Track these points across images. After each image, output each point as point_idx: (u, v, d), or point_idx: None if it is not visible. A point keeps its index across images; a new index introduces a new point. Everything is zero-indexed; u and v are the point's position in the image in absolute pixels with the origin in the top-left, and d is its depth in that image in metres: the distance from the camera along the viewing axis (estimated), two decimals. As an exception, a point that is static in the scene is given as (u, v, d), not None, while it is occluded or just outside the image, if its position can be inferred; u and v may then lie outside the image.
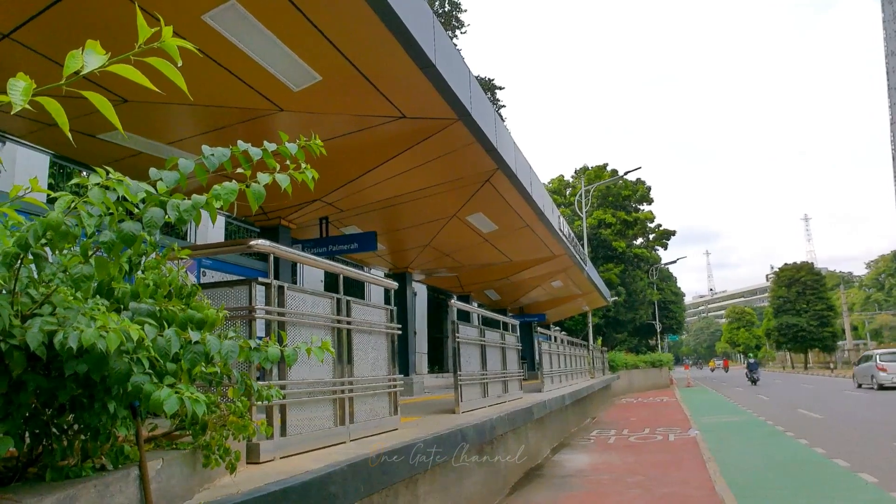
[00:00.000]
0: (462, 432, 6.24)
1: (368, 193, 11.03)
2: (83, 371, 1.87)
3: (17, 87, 1.31)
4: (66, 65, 1.35)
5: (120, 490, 2.35)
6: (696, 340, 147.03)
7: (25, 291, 1.82)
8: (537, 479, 8.91)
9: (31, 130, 8.12)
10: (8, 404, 1.89)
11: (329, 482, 3.62)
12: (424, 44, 6.63)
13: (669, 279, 60.98)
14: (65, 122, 1.38)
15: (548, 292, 26.58)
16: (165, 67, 1.46)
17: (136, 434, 2.50)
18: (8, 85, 1.33)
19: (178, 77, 1.48)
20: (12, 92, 1.30)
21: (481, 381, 8.93)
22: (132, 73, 1.42)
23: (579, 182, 46.23)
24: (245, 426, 2.95)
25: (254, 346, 2.39)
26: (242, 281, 4.19)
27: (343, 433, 5.00)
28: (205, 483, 3.12)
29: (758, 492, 7.56)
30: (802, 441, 11.73)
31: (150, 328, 1.96)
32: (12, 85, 1.32)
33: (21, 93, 1.31)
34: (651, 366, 38.83)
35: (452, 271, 19.01)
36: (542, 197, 14.33)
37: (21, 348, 1.74)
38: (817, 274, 67.06)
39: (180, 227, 1.94)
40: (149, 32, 1.44)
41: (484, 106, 9.16)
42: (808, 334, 62.35)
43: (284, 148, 2.22)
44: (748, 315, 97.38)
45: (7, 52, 5.96)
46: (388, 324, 6.16)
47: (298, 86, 7.05)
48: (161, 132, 8.24)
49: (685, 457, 10.38)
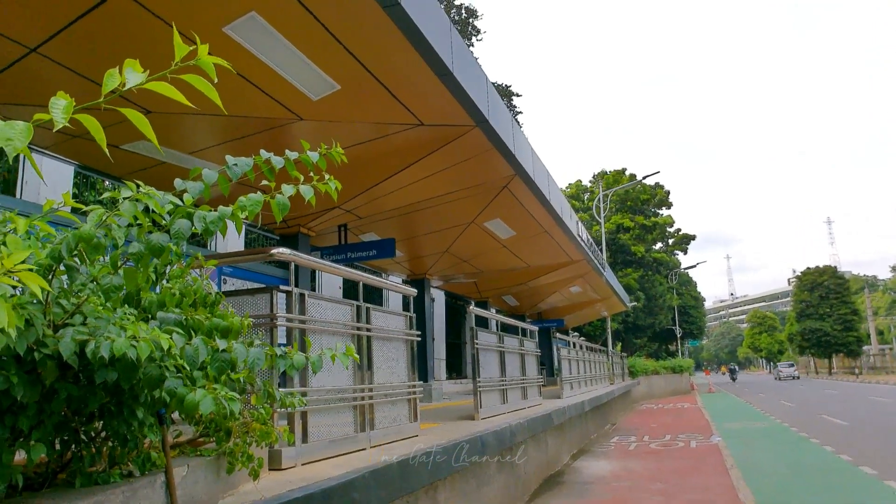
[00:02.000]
0: (482, 439, 6.23)
1: (387, 200, 11.08)
2: (113, 379, 1.91)
3: (58, 106, 1.35)
4: (105, 83, 1.39)
5: (147, 496, 2.38)
6: (717, 346, 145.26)
7: (57, 301, 1.87)
8: (557, 485, 8.86)
9: (56, 142, 8.28)
10: (40, 412, 1.93)
11: (351, 489, 3.64)
12: (442, 51, 6.66)
13: (689, 283, 60.36)
14: (102, 139, 1.42)
15: (566, 298, 26.45)
16: (201, 84, 1.50)
17: (163, 441, 2.54)
18: (50, 104, 1.37)
19: (214, 93, 1.51)
20: (54, 110, 1.34)
21: (500, 387, 8.91)
22: (169, 90, 1.46)
23: (597, 187, 46.05)
24: (268, 433, 2.98)
25: (279, 354, 2.42)
26: (264, 289, 4.24)
27: (363, 440, 5.02)
28: (228, 489, 3.16)
29: (783, 499, 7.45)
30: (828, 448, 11.54)
31: (179, 337, 2.00)
32: (54, 104, 1.35)
33: (62, 111, 1.35)
34: (671, 371, 38.42)
35: (470, 277, 19.00)
36: (560, 202, 14.30)
37: (53, 357, 1.79)
38: (841, 278, 65.96)
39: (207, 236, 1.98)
40: (185, 50, 1.47)
41: (501, 112, 9.18)
42: (831, 339, 61.32)
43: (306, 157, 2.25)
44: (770, 320, 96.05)
45: (34, 66, 6.09)
46: (408, 331, 6.18)
47: (317, 95, 7.12)
48: (182, 142, 8.36)
49: (707, 463, 10.26)
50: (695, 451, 11.91)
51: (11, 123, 1.32)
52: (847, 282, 66.75)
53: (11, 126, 1.31)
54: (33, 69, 6.17)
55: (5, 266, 1.35)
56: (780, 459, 10.64)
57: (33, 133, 5.35)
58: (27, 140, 1.33)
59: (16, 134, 1.30)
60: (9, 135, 1.29)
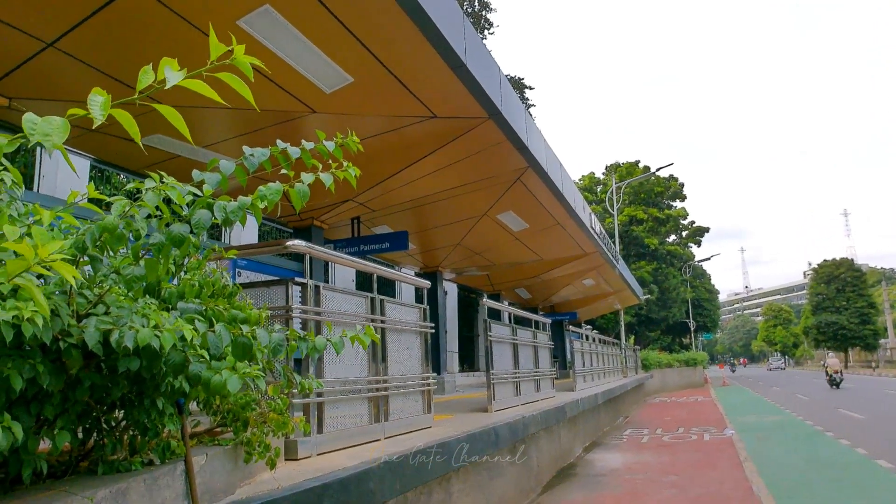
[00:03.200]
0: (495, 431, 6.25)
1: (400, 193, 11.09)
2: (135, 368, 1.94)
3: (96, 102, 1.37)
4: (140, 80, 1.41)
5: (167, 484, 2.42)
6: (731, 339, 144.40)
7: (80, 292, 1.89)
8: (570, 477, 8.87)
9: (74, 136, 8.35)
10: (64, 401, 1.97)
11: (367, 479, 3.67)
12: (455, 43, 6.65)
13: (703, 276, 59.91)
14: (136, 133, 1.44)
15: (579, 290, 26.39)
16: (236, 83, 1.51)
17: (182, 430, 2.57)
18: (88, 100, 1.38)
19: (248, 92, 1.52)
20: (93, 106, 1.36)
21: (514, 379, 8.92)
22: (204, 88, 1.47)
23: (610, 179, 45.78)
24: (285, 423, 3.01)
25: (300, 336, 2.45)
26: (279, 281, 4.27)
27: (378, 431, 5.06)
28: (246, 479, 3.20)
29: (798, 493, 7.41)
30: (843, 441, 11.46)
31: (201, 324, 2.03)
32: (92, 100, 1.38)
33: (101, 107, 1.37)
34: (685, 365, 38.25)
35: (483, 270, 18.99)
36: (574, 194, 14.24)
37: (78, 347, 1.82)
38: (858, 270, 65.24)
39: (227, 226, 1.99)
40: (221, 50, 1.49)
41: (514, 104, 9.15)
42: (848, 332, 60.75)
43: (322, 146, 2.26)
44: (786, 313, 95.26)
45: (50, 61, 6.15)
46: (422, 323, 6.20)
47: (331, 88, 7.14)
48: (197, 135, 8.41)
49: (721, 457, 10.22)
50: (708, 445, 11.88)
51: (49, 119, 1.34)
52: (864, 274, 66.01)
53: (49, 122, 1.34)
54: (49, 64, 6.23)
55: (40, 256, 1.37)
56: (795, 453, 10.58)
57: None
58: (65, 136, 1.36)
59: (54, 130, 1.32)
60: (47, 130, 1.31)
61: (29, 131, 1.30)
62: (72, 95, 6.74)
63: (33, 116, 1.35)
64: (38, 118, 1.34)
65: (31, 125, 1.31)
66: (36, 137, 1.30)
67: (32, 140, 1.31)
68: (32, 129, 1.30)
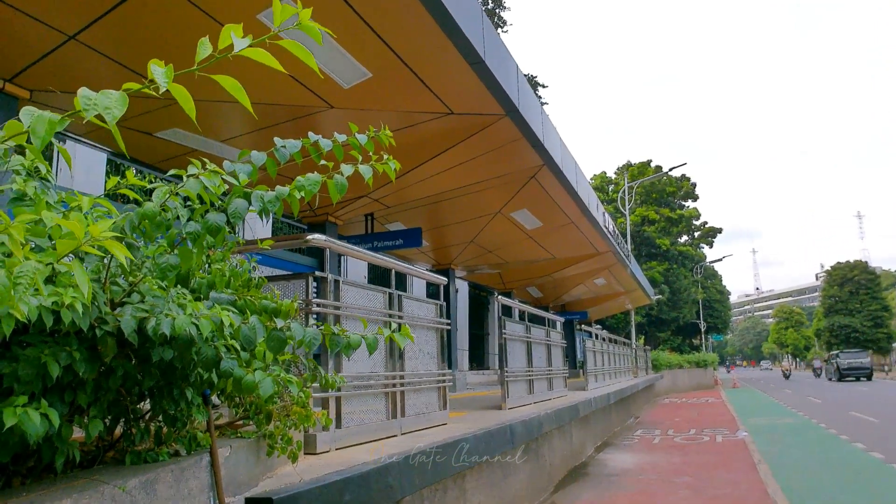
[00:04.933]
0: (510, 428, 6.23)
1: (414, 190, 11.08)
2: (168, 357, 1.93)
3: (158, 72, 1.36)
4: (198, 52, 1.39)
5: (194, 475, 2.42)
6: (742, 340, 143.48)
7: (114, 280, 1.89)
8: (582, 477, 8.84)
9: (90, 129, 8.41)
10: (97, 389, 1.97)
11: (387, 474, 3.66)
12: (474, 39, 6.62)
13: (714, 277, 59.56)
14: (192, 108, 1.43)
15: (590, 290, 26.29)
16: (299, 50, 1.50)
17: (208, 422, 2.57)
18: (149, 68, 1.37)
19: (311, 59, 1.50)
20: (156, 74, 1.35)
21: (527, 377, 8.90)
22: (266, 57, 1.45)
23: (622, 179, 45.58)
24: (308, 416, 3.01)
25: (336, 332, 2.44)
26: (299, 275, 4.27)
27: (395, 426, 5.05)
28: (267, 472, 3.20)
29: (813, 495, 7.34)
30: (858, 445, 11.34)
31: (235, 316, 2.02)
32: (154, 69, 1.36)
33: (164, 75, 1.35)
34: (695, 366, 38.02)
35: (495, 268, 18.96)
36: (588, 193, 14.18)
37: (113, 334, 1.81)
38: (872, 273, 64.60)
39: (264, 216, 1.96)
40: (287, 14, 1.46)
41: (531, 101, 9.11)
42: (861, 335, 60.16)
43: (354, 139, 2.25)
44: (797, 315, 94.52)
45: (72, 54, 6.18)
46: (438, 319, 6.19)
47: (349, 83, 7.13)
48: (214, 130, 8.43)
49: (734, 458, 10.15)
50: (721, 446, 11.79)
51: (107, 93, 1.33)
52: (878, 277, 65.35)
53: (107, 95, 1.33)
54: (71, 57, 6.26)
55: (93, 234, 1.36)
56: (809, 455, 10.49)
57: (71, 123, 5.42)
58: (124, 109, 1.34)
59: (112, 103, 1.31)
60: (107, 104, 1.30)
61: (84, 106, 1.29)
62: (93, 89, 6.77)
63: (88, 92, 1.34)
64: (93, 93, 1.33)
65: (86, 100, 1.30)
66: (92, 112, 1.29)
67: (88, 115, 1.29)
68: (87, 104, 1.29)
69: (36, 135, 1.25)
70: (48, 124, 1.27)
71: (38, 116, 1.28)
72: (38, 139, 1.25)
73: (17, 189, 1.78)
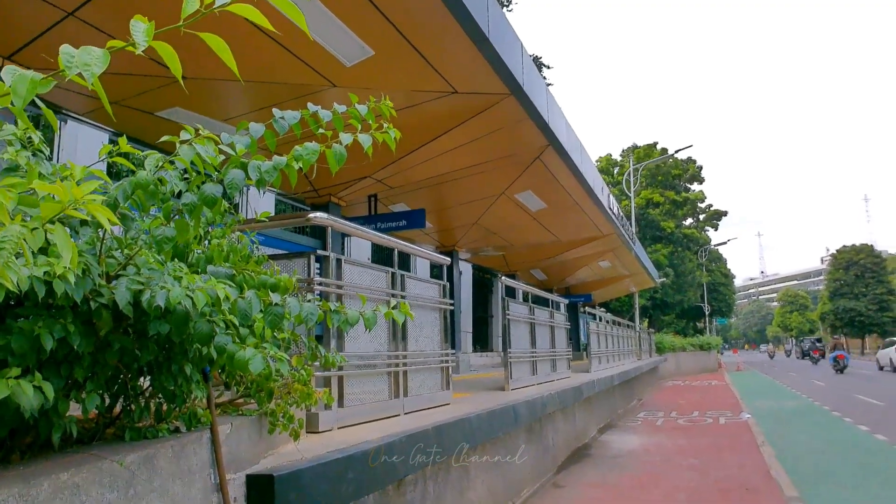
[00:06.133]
0: (514, 409, 6.23)
1: (418, 170, 11.01)
2: (165, 332, 1.90)
3: (139, 28, 1.30)
4: (184, 8, 1.33)
5: (194, 452, 2.40)
6: (746, 324, 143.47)
7: (110, 253, 1.85)
8: (585, 458, 8.86)
9: (91, 109, 8.35)
10: (94, 364, 1.94)
11: (389, 452, 3.65)
12: (478, 16, 6.52)
13: (719, 260, 59.41)
14: (178, 69, 1.37)
15: (595, 273, 26.24)
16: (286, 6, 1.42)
17: (208, 398, 2.55)
18: (130, 26, 1.32)
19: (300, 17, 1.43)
20: (135, 32, 1.30)
21: (531, 359, 8.89)
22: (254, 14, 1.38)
23: (627, 161, 45.31)
24: (309, 394, 2.99)
25: (333, 309, 2.40)
26: (301, 253, 4.24)
27: (397, 406, 5.04)
28: (269, 449, 3.18)
29: (818, 477, 7.34)
30: (862, 427, 11.34)
31: (232, 290, 1.98)
32: (134, 26, 1.31)
33: (144, 33, 1.30)
34: (699, 349, 38.03)
35: (499, 250, 18.91)
36: (593, 174, 14.08)
37: (108, 307, 1.78)
38: (878, 256, 64.26)
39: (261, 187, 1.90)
40: None
41: (536, 80, 9.00)
42: (865, 319, 60.04)
43: (354, 110, 2.19)
44: (802, 298, 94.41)
45: (71, 30, 6.10)
46: (441, 299, 6.15)
47: (351, 61, 7.04)
48: (214, 109, 8.36)
49: (738, 440, 10.16)
50: (724, 428, 11.81)
51: (88, 49, 1.28)
52: (884, 261, 64.96)
53: (89, 52, 1.27)
54: (70, 33, 6.18)
55: (75, 196, 1.32)
56: (813, 437, 10.49)
57: (70, 100, 5.37)
58: (105, 66, 1.29)
59: (93, 60, 1.26)
60: (87, 61, 1.25)
61: (66, 64, 1.24)
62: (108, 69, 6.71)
63: (70, 48, 1.29)
64: (75, 50, 1.28)
65: (67, 57, 1.25)
66: (74, 70, 1.24)
67: (70, 73, 1.24)
68: (69, 62, 1.24)
69: (17, 94, 1.20)
70: (30, 84, 1.22)
71: (20, 75, 1.23)
72: (20, 99, 1.20)
73: (10, 159, 1.73)
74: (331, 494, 3.10)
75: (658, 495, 6.60)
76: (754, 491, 6.67)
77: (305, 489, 2.90)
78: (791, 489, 6.65)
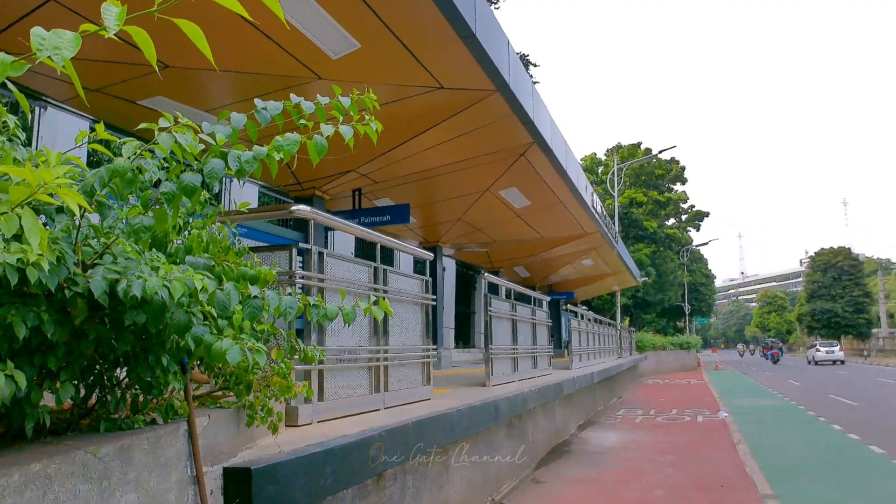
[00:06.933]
0: (495, 405, 6.25)
1: (402, 165, 10.98)
2: (142, 322, 1.87)
3: (110, 12, 1.27)
4: None
5: (170, 444, 2.38)
6: (725, 324, 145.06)
7: (86, 242, 1.82)
8: (566, 454, 8.92)
9: (72, 96, 8.22)
10: (69, 353, 1.91)
11: (369, 447, 3.64)
12: (465, 12, 6.51)
13: (700, 261, 60.00)
14: (152, 54, 1.34)
15: (578, 270, 26.38)
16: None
17: (185, 390, 2.52)
18: (102, 9, 1.29)
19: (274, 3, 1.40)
20: (106, 16, 1.27)
21: (512, 355, 8.92)
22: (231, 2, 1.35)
23: (612, 160, 45.55)
24: (289, 387, 2.96)
25: (312, 303, 2.38)
26: (283, 246, 4.22)
27: (378, 401, 5.03)
28: (247, 442, 3.16)
29: (792, 475, 7.45)
30: (836, 427, 11.53)
31: (210, 281, 1.95)
32: (106, 9, 1.28)
33: (115, 18, 1.27)
34: (679, 348, 38.48)
35: (483, 246, 18.94)
36: (577, 172, 14.14)
37: (84, 296, 1.75)
38: (855, 259, 65.31)
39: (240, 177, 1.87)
40: None
41: (522, 77, 9.01)
42: (842, 320, 61.00)
43: (338, 102, 2.18)
44: (781, 300, 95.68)
45: (52, 16, 6.00)
46: (424, 294, 6.15)
47: (337, 54, 7.00)
48: (199, 99, 8.28)
49: (715, 438, 10.29)
50: (702, 426, 11.95)
51: (59, 32, 1.25)
52: (861, 264, 66.05)
53: (60, 35, 1.24)
54: (49, 19, 6.08)
55: (44, 178, 1.29)
56: (789, 436, 10.65)
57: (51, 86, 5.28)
58: (76, 50, 1.26)
59: (64, 43, 1.23)
60: (57, 44, 1.22)
61: (37, 46, 1.21)
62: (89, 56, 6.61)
63: (42, 31, 1.26)
64: (46, 33, 1.25)
65: (38, 40, 1.22)
66: (45, 52, 1.21)
67: (41, 55, 1.21)
68: (41, 45, 1.21)
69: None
70: (0, 66, 1.19)
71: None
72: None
73: (-18, 144, 1.69)
74: (309, 488, 3.09)
75: (637, 491, 6.66)
76: (730, 487, 6.76)
77: (283, 483, 2.89)
78: (766, 486, 6.75)
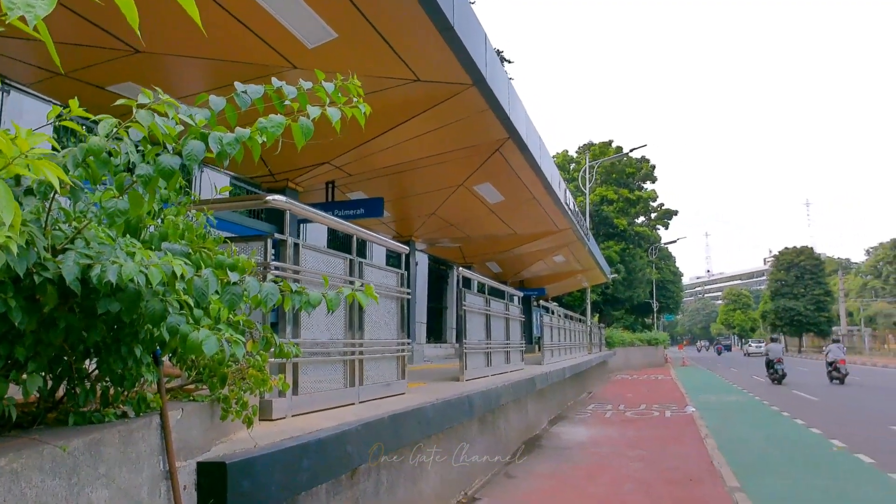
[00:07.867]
0: (469, 399, 6.24)
1: (377, 158, 10.89)
2: (115, 311, 1.80)
3: None
4: None
5: (142, 437, 2.30)
6: (692, 321, 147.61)
7: (57, 226, 1.74)
8: (537, 449, 8.97)
9: (38, 79, 7.96)
10: (37, 343, 1.82)
11: (345, 440, 3.60)
12: (444, 4, 6.47)
13: (669, 259, 60.91)
14: (134, 17, 1.27)
15: (549, 267, 26.56)
16: None
17: (158, 382, 2.45)
18: None
19: None
20: None
21: (486, 350, 8.93)
22: None
23: (584, 158, 45.89)
24: (264, 380, 2.90)
25: (294, 290, 2.32)
26: (257, 237, 4.13)
27: (353, 395, 4.98)
28: (221, 436, 3.09)
29: (757, 468, 7.60)
30: (798, 421, 11.82)
31: (188, 267, 1.88)
32: None
33: None
34: (647, 344, 39.02)
35: (456, 241, 18.93)
36: (551, 169, 14.20)
37: (54, 283, 1.67)
38: (817, 259, 66.97)
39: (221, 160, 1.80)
40: None
41: (498, 72, 8.99)
42: (804, 318, 62.55)
43: (321, 87, 2.12)
44: (745, 297, 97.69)
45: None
46: (399, 288, 6.11)
47: (313, 43, 6.89)
48: (171, 86, 8.07)
49: (683, 433, 10.45)
50: (670, 421, 12.13)
51: None
52: (823, 263, 67.80)
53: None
54: None
55: (20, 148, 1.21)
56: (754, 431, 10.87)
57: (14, 69, 5.08)
58: (50, 9, 1.19)
59: (38, 1, 1.16)
60: (30, 1, 1.14)
61: (7, 6, 1.14)
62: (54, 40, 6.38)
63: (10, -12, 1.19)
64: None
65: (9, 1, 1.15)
66: (17, 11, 1.13)
67: (12, 15, 1.14)
68: (11, 4, 1.14)
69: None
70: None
71: None
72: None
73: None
74: (284, 483, 3.04)
75: (606, 485, 6.72)
76: (698, 481, 6.86)
77: (258, 477, 2.83)
78: (732, 479, 6.87)
